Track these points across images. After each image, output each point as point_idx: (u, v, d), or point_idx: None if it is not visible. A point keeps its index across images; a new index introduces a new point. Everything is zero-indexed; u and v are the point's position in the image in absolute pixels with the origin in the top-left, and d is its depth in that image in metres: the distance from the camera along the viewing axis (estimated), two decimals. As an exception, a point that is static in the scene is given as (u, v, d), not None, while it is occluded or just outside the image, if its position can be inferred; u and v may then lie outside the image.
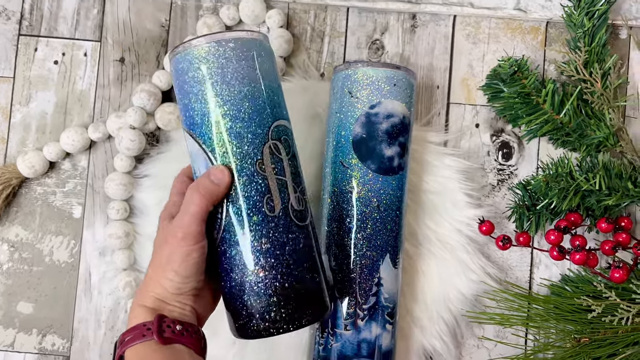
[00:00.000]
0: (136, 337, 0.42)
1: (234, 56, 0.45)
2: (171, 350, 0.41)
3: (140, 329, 0.42)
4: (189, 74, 0.46)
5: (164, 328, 0.42)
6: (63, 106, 0.65)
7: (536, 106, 0.60)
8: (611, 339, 0.57)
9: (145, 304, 0.44)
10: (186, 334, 0.43)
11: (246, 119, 0.45)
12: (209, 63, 0.45)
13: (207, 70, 0.45)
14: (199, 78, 0.45)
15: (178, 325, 0.42)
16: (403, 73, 0.56)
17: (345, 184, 0.55)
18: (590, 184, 0.56)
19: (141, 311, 0.43)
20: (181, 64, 0.46)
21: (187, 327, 0.43)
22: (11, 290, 0.63)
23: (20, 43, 0.65)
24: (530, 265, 0.64)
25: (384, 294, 0.55)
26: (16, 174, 0.62)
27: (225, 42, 0.45)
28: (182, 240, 0.43)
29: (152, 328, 0.42)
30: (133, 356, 0.41)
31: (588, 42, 0.60)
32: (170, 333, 0.42)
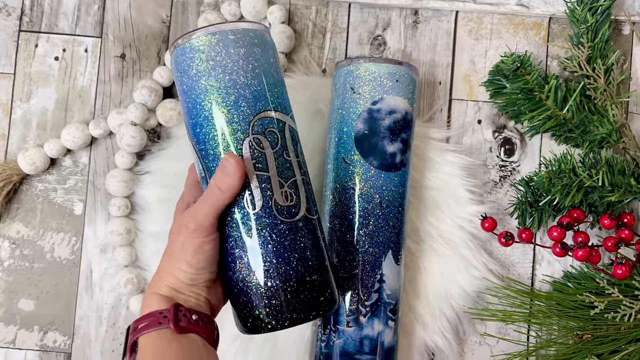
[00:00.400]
0: (151, 324, 0.41)
1: (217, 47, 0.45)
2: (186, 340, 0.41)
3: (156, 316, 0.41)
4: (181, 66, 0.46)
5: (180, 317, 0.41)
6: (64, 102, 0.64)
7: (539, 102, 0.59)
8: (613, 335, 0.57)
9: (160, 292, 0.43)
10: (201, 324, 0.42)
11: (226, 113, 0.45)
12: (198, 54, 0.45)
13: (192, 62, 0.45)
14: (188, 70, 0.46)
15: (194, 314, 0.42)
16: (405, 69, 0.56)
17: (347, 181, 0.55)
18: (593, 180, 0.56)
19: (155, 299, 0.43)
20: (176, 57, 0.46)
21: (202, 317, 0.43)
22: (12, 287, 0.63)
23: (21, 39, 0.65)
24: (533, 261, 0.64)
25: (386, 290, 0.55)
26: (17, 170, 0.62)
27: (212, 34, 0.45)
28: (194, 232, 0.43)
29: (169, 316, 0.41)
30: (148, 343, 0.41)
31: (591, 37, 0.60)
32: (186, 322, 0.41)
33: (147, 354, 0.41)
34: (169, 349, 0.41)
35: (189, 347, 0.41)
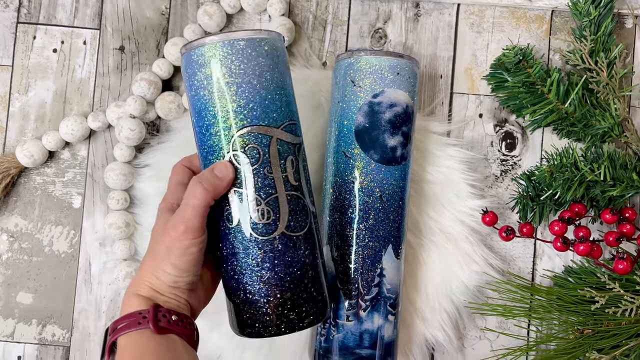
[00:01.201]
0: (131, 324, 0.41)
1: (202, 58, 0.45)
2: (166, 340, 0.41)
3: (136, 316, 0.41)
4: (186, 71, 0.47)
5: (159, 317, 0.41)
6: (62, 95, 0.64)
7: (541, 95, 0.59)
8: (614, 330, 0.57)
9: (140, 293, 0.43)
10: (181, 324, 0.42)
11: (212, 127, 0.45)
12: (198, 63, 0.45)
13: (185, 70, 0.46)
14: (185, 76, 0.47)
15: (174, 315, 0.42)
16: (406, 62, 0.55)
17: (347, 174, 0.54)
18: (595, 175, 0.55)
19: (135, 300, 0.43)
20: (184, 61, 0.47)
21: (182, 318, 0.43)
22: (10, 281, 0.63)
23: (19, 31, 0.64)
24: (533, 256, 0.64)
25: (386, 284, 0.54)
26: (15, 163, 0.62)
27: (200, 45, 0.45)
28: (183, 234, 0.42)
29: (148, 316, 0.41)
30: (127, 344, 0.41)
31: (594, 31, 0.59)
32: (165, 323, 0.41)
33: (125, 354, 0.41)
34: (147, 349, 0.40)
35: (168, 347, 0.41)
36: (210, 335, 0.60)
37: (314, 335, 0.57)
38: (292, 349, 0.60)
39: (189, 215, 0.43)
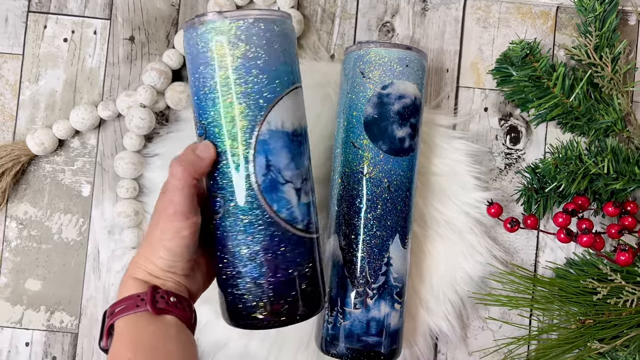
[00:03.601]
0: (129, 307, 0.41)
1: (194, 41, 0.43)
2: (163, 322, 0.41)
3: (134, 299, 0.41)
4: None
5: (157, 299, 0.41)
6: (72, 84, 0.64)
7: (546, 90, 0.60)
8: (615, 320, 0.58)
9: (137, 276, 0.43)
10: (179, 306, 0.42)
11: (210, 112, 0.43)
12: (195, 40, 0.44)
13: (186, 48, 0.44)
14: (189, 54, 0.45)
15: (172, 297, 0.42)
16: (415, 54, 0.56)
17: (355, 165, 0.55)
18: (599, 168, 0.56)
19: (133, 283, 0.42)
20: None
21: (180, 300, 0.42)
22: (19, 268, 0.63)
23: (30, 20, 0.65)
24: (536, 248, 0.65)
25: (393, 273, 0.55)
26: (25, 151, 0.62)
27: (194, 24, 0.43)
28: (172, 216, 0.41)
29: (146, 298, 0.41)
30: (124, 326, 0.40)
31: (599, 26, 0.60)
32: (164, 304, 0.41)
33: (123, 337, 0.40)
34: (145, 332, 0.40)
35: (166, 329, 0.41)
36: (217, 323, 0.61)
37: (320, 322, 0.57)
38: (299, 336, 0.61)
39: (176, 198, 0.41)
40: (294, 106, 0.44)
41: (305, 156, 0.45)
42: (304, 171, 0.45)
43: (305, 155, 0.45)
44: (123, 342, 0.40)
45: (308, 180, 0.45)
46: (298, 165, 0.44)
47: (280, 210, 0.43)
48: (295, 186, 0.44)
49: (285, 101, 0.43)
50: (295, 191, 0.44)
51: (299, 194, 0.44)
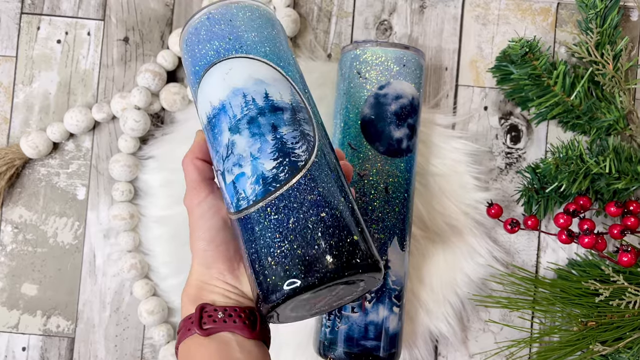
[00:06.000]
0: (184, 332, 0.40)
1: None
2: (215, 342, 0.39)
3: (186, 322, 0.40)
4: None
5: (204, 319, 0.39)
6: (66, 86, 0.64)
7: (547, 88, 0.59)
8: (618, 322, 0.57)
9: (189, 292, 0.41)
10: (229, 320, 0.39)
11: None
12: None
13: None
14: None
15: (220, 312, 0.39)
16: (412, 53, 0.55)
17: (353, 166, 0.54)
18: (600, 168, 0.55)
19: (187, 302, 0.41)
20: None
21: (230, 312, 0.39)
22: (15, 272, 0.63)
23: (23, 21, 0.64)
24: (537, 249, 0.64)
25: (391, 276, 0.54)
26: (19, 154, 0.62)
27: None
28: (186, 198, 0.41)
29: (194, 320, 0.39)
30: (182, 352, 0.40)
31: (600, 23, 0.59)
32: (211, 323, 0.39)
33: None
34: (196, 356, 0.39)
35: (218, 350, 0.38)
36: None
37: (318, 326, 0.57)
38: (297, 340, 0.60)
39: (185, 178, 0.41)
40: (202, 94, 0.42)
41: (225, 133, 0.40)
42: (223, 150, 0.40)
43: (224, 133, 0.40)
44: None
45: (231, 155, 0.40)
46: (217, 148, 0.40)
47: (224, 201, 0.41)
48: (220, 170, 0.40)
49: (198, 96, 0.42)
50: (221, 175, 0.40)
51: (224, 176, 0.40)
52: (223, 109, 0.40)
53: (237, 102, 0.40)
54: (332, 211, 0.39)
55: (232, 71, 0.41)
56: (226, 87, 0.41)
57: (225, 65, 0.41)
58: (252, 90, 0.41)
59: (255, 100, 0.40)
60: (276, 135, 0.40)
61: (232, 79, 0.41)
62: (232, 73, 0.41)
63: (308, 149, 0.40)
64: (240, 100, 0.40)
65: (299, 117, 0.41)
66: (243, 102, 0.40)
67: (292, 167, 0.39)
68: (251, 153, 0.39)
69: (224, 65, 0.41)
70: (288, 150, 0.40)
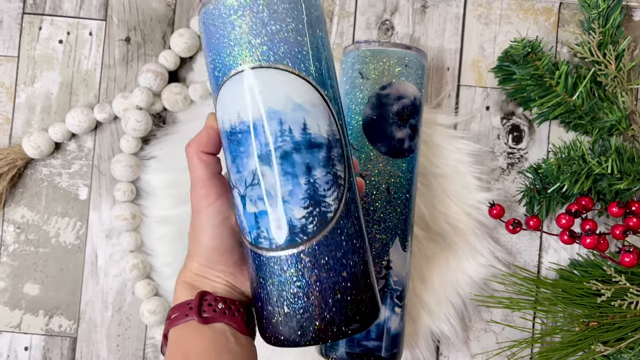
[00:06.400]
0: (179, 317, 0.39)
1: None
2: (213, 331, 0.39)
3: (184, 307, 0.40)
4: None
5: (204, 307, 0.39)
6: (68, 86, 0.64)
7: (549, 88, 0.59)
8: (620, 323, 0.57)
9: (187, 280, 0.41)
10: (228, 312, 0.39)
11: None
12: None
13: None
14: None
15: (220, 303, 0.39)
16: (414, 54, 0.55)
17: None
18: (602, 168, 0.55)
19: (183, 288, 0.41)
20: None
21: (230, 305, 0.40)
22: (17, 272, 0.63)
23: (25, 22, 0.64)
24: (539, 249, 0.64)
25: (393, 277, 0.54)
26: (21, 154, 0.62)
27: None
28: (193, 199, 0.39)
29: (193, 307, 0.39)
30: (176, 337, 0.39)
31: (602, 23, 0.59)
32: (211, 312, 0.39)
33: (173, 347, 0.39)
34: (193, 344, 0.39)
35: (215, 340, 0.39)
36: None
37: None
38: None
39: (190, 175, 0.40)
40: (230, 97, 0.37)
41: (252, 157, 0.37)
42: (247, 175, 0.37)
43: (251, 157, 0.37)
44: (173, 353, 0.39)
45: (257, 185, 0.37)
46: (240, 168, 0.38)
47: (237, 216, 0.39)
48: (240, 192, 0.38)
49: (221, 94, 0.38)
50: (240, 198, 0.38)
51: (244, 201, 0.38)
52: (254, 129, 0.37)
53: (273, 128, 0.36)
54: (354, 269, 0.38)
55: (269, 87, 0.37)
56: (261, 105, 0.36)
57: (262, 75, 0.37)
58: (290, 117, 0.36)
59: (292, 132, 0.37)
60: (309, 179, 0.37)
61: (268, 97, 0.36)
62: (269, 89, 0.37)
63: (338, 197, 0.38)
64: (275, 126, 0.36)
65: (333, 155, 0.38)
66: (279, 131, 0.37)
67: (321, 219, 0.37)
68: (281, 194, 0.36)
69: (260, 76, 0.37)
70: (319, 199, 0.37)
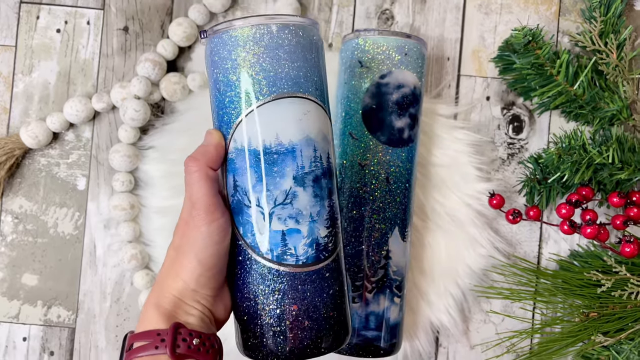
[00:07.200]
0: (147, 347, 0.37)
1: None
2: None
3: (154, 338, 0.37)
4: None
5: (179, 342, 0.37)
6: (66, 76, 0.63)
7: (550, 77, 0.58)
8: (620, 313, 0.57)
9: (162, 304, 0.39)
10: (202, 348, 0.38)
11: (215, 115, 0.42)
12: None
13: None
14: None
15: (195, 339, 0.38)
16: (414, 42, 0.55)
17: (354, 156, 0.54)
18: (603, 158, 0.55)
19: (155, 314, 0.39)
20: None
21: (204, 341, 0.38)
22: (15, 262, 0.63)
23: (22, 11, 0.63)
24: (539, 240, 0.63)
25: (392, 267, 0.54)
26: (19, 144, 0.61)
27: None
28: (196, 215, 0.38)
29: (166, 340, 0.37)
30: None
31: (604, 12, 0.58)
32: (185, 348, 0.37)
33: None
34: None
35: None
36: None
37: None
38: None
39: (194, 190, 0.39)
40: (271, 118, 0.39)
41: (287, 176, 0.39)
42: (279, 194, 0.39)
43: (286, 177, 0.39)
44: None
45: (289, 204, 0.39)
46: (269, 187, 0.39)
47: (245, 234, 0.40)
48: (263, 210, 0.39)
49: (257, 114, 0.39)
50: (262, 216, 0.39)
51: (271, 218, 0.39)
52: (292, 152, 0.39)
53: (308, 153, 0.40)
54: (347, 286, 0.43)
55: (309, 116, 0.40)
56: (301, 132, 0.39)
57: (303, 105, 0.40)
58: (321, 146, 0.40)
59: (322, 159, 0.40)
60: (330, 203, 0.41)
61: (307, 126, 0.40)
62: (309, 118, 0.40)
63: (341, 221, 0.43)
64: (311, 153, 0.40)
65: (337, 183, 0.43)
66: (313, 157, 0.40)
67: (337, 238, 0.41)
68: (311, 214, 0.40)
69: (302, 105, 0.40)
70: (335, 220, 0.41)
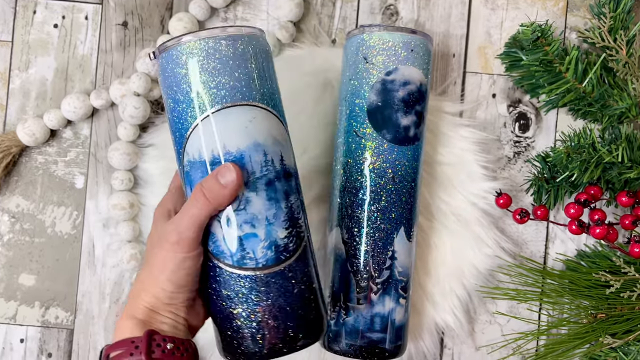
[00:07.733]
0: (122, 355, 0.38)
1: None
2: None
3: (128, 346, 0.39)
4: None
5: (153, 348, 0.39)
6: (64, 72, 0.62)
7: (558, 74, 0.57)
8: (628, 314, 0.56)
9: (135, 315, 0.41)
10: (177, 352, 0.39)
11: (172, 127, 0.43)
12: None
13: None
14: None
15: (169, 343, 0.39)
16: (420, 38, 0.53)
17: (359, 155, 0.53)
18: (613, 156, 0.54)
19: (129, 324, 0.40)
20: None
21: (178, 345, 0.40)
22: (12, 262, 0.62)
23: (19, 5, 0.62)
24: (546, 240, 0.62)
25: (397, 267, 0.53)
26: (16, 142, 0.60)
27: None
28: (175, 245, 0.40)
29: (141, 346, 0.38)
30: None
31: (613, 7, 0.57)
32: (160, 353, 0.39)
33: None
34: None
35: None
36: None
37: (323, 318, 0.56)
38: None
39: (185, 225, 0.40)
40: (216, 128, 0.40)
41: None
42: (233, 202, 0.40)
43: None
44: None
45: (242, 210, 0.40)
46: None
47: (208, 242, 0.41)
48: (220, 218, 0.40)
49: (202, 127, 0.40)
50: (219, 223, 0.41)
51: (228, 225, 0.40)
52: (241, 159, 0.40)
53: (258, 158, 0.40)
54: (317, 282, 0.44)
55: (255, 122, 0.40)
56: (248, 138, 0.40)
57: (249, 112, 0.40)
58: (271, 150, 0.41)
59: (274, 162, 0.41)
60: (288, 204, 0.41)
61: (254, 131, 0.40)
62: (254, 124, 0.40)
63: (305, 220, 0.43)
64: (260, 157, 0.40)
65: (297, 184, 0.43)
66: (263, 161, 0.41)
67: (298, 238, 0.42)
68: (267, 217, 0.40)
69: (248, 113, 0.40)
70: (295, 221, 0.42)
